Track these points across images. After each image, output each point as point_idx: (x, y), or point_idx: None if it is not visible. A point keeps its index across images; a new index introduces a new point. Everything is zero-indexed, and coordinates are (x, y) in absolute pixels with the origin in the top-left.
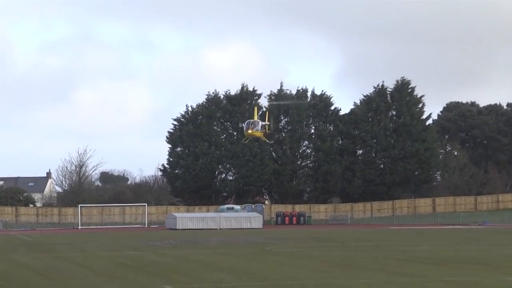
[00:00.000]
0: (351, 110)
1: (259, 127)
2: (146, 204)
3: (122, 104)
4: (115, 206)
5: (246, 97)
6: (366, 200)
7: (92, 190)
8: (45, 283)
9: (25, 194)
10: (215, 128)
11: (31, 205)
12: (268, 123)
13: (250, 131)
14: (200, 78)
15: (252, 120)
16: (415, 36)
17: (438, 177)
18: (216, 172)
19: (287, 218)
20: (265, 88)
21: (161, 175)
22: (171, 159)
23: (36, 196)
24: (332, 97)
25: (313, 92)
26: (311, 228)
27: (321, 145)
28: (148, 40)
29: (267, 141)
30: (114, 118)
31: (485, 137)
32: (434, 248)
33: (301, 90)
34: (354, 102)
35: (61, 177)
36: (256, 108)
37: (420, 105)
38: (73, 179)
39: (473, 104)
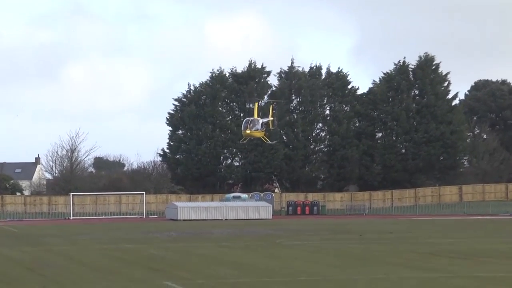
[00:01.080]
0: (370, 89)
1: (259, 126)
2: (144, 192)
3: (117, 82)
4: (110, 194)
5: (254, 75)
6: (386, 188)
7: (85, 177)
8: (34, 278)
9: (12, 181)
10: (220, 109)
11: (18, 194)
12: (271, 118)
13: (248, 131)
14: (203, 54)
15: (251, 118)
16: (440, 7)
17: (465, 163)
18: (221, 157)
19: (299, 208)
20: (274, 65)
21: (161, 161)
22: (171, 143)
23: (24, 183)
24: (348, 74)
25: (328, 69)
26: (326, 219)
27: (336, 128)
28: (146, 13)
29: (268, 141)
30: (109, 98)
31: None
32: (461, 241)
33: (314, 68)
34: (373, 80)
35: (51, 163)
36: (257, 104)
37: (446, 84)
38: (64, 165)
39: (504, 82)
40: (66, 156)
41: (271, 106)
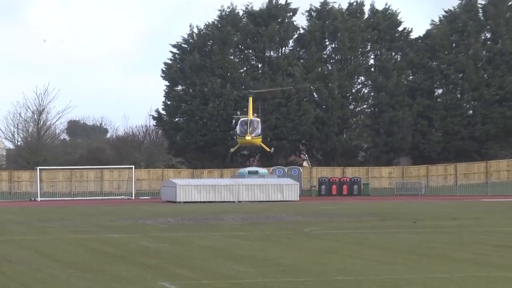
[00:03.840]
0: (427, 32)
1: (260, 130)
2: (133, 166)
3: (97, 23)
4: (89, 169)
5: (276, 13)
6: (448, 161)
7: (56, 146)
8: None
9: None
10: (232, 57)
11: None
12: (251, 118)
13: (248, 137)
14: None
15: (248, 118)
16: None
17: None
18: (233, 121)
19: (334, 187)
20: (302, 0)
21: (155, 125)
22: (168, 103)
23: None
24: (399, 13)
25: (372, 6)
26: (369, 201)
27: (383, 82)
28: None
29: (270, 151)
30: (86, 44)
31: None
32: None
33: (354, 4)
34: (432, 21)
35: (12, 128)
36: (251, 99)
37: None
38: (30, 130)
39: None
40: (31, 119)
41: (250, 98)
